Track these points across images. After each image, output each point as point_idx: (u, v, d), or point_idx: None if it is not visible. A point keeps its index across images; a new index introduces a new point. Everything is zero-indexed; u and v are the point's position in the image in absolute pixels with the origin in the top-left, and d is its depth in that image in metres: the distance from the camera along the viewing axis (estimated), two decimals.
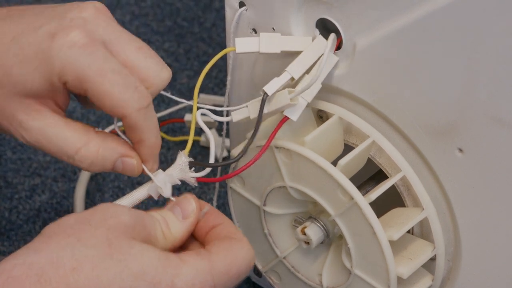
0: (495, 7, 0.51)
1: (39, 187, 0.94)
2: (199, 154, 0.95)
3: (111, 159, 0.55)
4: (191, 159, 0.58)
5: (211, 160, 0.59)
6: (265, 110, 0.60)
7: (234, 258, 0.51)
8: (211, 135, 0.59)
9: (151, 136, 0.55)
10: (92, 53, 0.52)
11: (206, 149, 0.97)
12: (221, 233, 0.54)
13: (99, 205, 0.51)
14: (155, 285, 0.48)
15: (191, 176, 0.57)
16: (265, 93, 0.59)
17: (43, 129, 0.54)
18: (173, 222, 0.54)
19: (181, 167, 0.57)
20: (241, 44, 0.61)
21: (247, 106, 0.61)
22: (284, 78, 0.60)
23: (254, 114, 0.61)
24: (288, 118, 0.60)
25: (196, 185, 0.58)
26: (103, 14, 0.54)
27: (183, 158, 0.57)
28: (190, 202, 0.55)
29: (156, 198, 0.57)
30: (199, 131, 0.97)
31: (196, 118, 0.59)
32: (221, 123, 0.65)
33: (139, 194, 0.57)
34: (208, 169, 0.58)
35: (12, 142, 0.98)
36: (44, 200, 0.93)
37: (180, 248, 0.55)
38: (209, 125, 0.95)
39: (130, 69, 0.54)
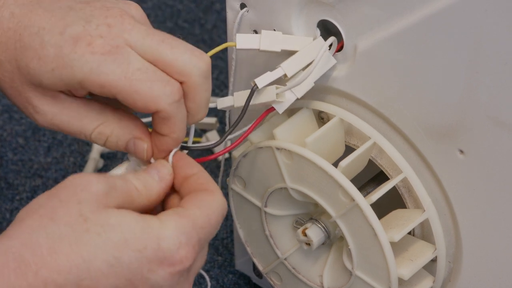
0: (496, 9, 0.51)
1: (40, 188, 0.94)
2: (200, 155, 0.95)
3: (124, 139, 0.55)
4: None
5: (189, 142, 0.59)
6: (251, 102, 0.60)
7: (210, 209, 0.51)
8: (192, 128, 0.59)
9: (181, 129, 0.55)
10: (116, 59, 0.52)
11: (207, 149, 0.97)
12: (193, 186, 0.53)
13: (68, 178, 0.50)
14: (140, 251, 0.48)
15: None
16: (255, 84, 0.59)
17: (57, 114, 0.55)
18: (149, 182, 0.53)
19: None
20: (242, 40, 0.61)
21: (233, 95, 0.61)
22: (277, 73, 0.60)
23: (238, 103, 0.61)
24: (274, 109, 0.60)
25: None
26: (128, 17, 0.54)
27: None
28: (165, 165, 0.55)
29: None
30: (200, 132, 0.97)
31: None
32: (222, 124, 0.65)
33: (116, 172, 0.57)
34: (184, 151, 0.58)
35: (13, 144, 0.98)
36: None
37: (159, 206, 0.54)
38: (210, 126, 0.95)
39: (162, 66, 0.53)
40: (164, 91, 0.52)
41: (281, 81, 0.60)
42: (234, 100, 0.61)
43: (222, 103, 0.62)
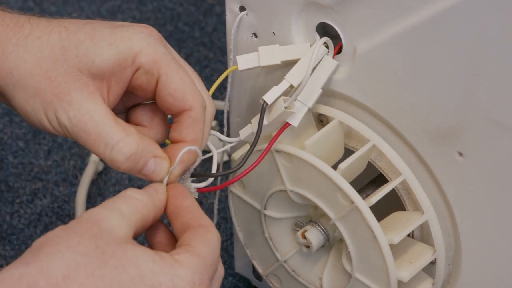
0: (496, 11, 0.51)
1: (40, 191, 0.94)
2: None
3: (147, 156, 0.55)
4: (192, 171, 0.57)
5: (213, 170, 0.59)
6: (265, 122, 0.60)
7: (213, 245, 0.52)
8: (213, 148, 0.60)
9: (205, 136, 0.57)
10: (167, 47, 0.56)
11: (206, 152, 0.97)
12: (188, 219, 0.53)
13: (84, 213, 0.50)
14: (155, 287, 0.48)
15: (194, 187, 0.57)
16: (264, 102, 0.59)
17: (91, 112, 0.53)
18: (155, 197, 0.54)
19: (183, 178, 0.57)
20: (243, 61, 0.61)
21: (251, 123, 0.62)
22: (283, 86, 0.60)
23: (256, 128, 0.61)
24: (290, 124, 0.60)
25: (197, 196, 0.57)
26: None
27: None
28: (160, 185, 0.55)
29: None
30: None
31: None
32: (221, 126, 0.65)
33: None
34: (210, 180, 0.58)
35: (13, 147, 0.98)
36: (45, 204, 0.93)
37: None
38: None
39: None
40: (198, 93, 0.56)
41: (289, 92, 0.60)
42: (252, 127, 0.62)
43: (244, 133, 0.63)
